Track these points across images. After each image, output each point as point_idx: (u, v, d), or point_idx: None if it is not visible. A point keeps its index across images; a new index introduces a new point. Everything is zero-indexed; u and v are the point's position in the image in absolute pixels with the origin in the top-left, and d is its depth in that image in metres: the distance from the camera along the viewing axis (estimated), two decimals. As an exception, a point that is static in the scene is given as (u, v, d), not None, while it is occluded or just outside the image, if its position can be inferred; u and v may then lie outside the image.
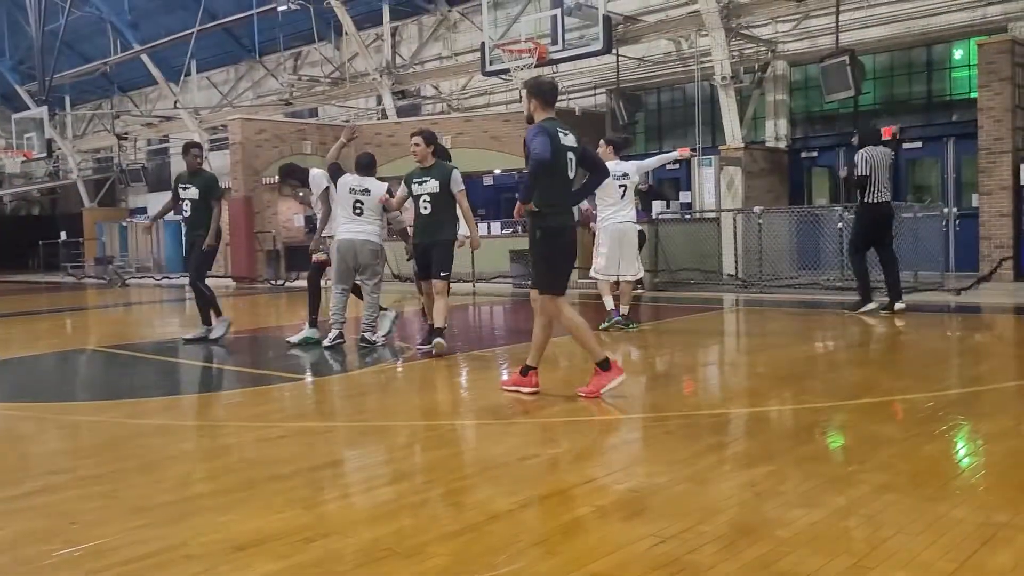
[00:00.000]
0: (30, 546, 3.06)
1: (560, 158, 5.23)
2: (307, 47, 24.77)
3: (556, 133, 5.27)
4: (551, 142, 5.16)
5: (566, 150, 5.29)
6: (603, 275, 8.63)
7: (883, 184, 9.16)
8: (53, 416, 5.61)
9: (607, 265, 8.56)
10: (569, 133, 5.38)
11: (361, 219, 7.95)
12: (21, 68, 31.88)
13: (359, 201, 7.90)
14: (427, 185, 7.24)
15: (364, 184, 7.94)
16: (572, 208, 5.60)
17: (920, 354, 7.14)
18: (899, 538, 2.88)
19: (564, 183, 5.33)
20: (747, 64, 16.23)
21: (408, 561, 2.81)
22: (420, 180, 7.30)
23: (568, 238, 5.40)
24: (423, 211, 7.30)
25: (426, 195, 7.25)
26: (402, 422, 4.98)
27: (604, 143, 8.77)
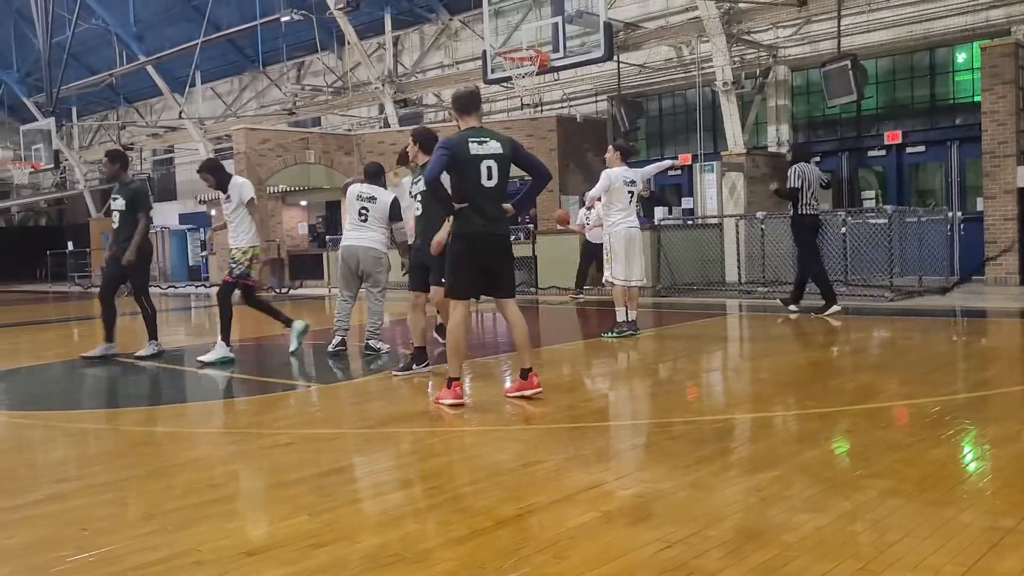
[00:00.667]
0: (41, 553, 3.08)
1: (469, 167, 5.33)
2: (310, 57, 24.87)
3: (465, 143, 5.35)
4: (448, 157, 5.33)
5: (480, 159, 5.35)
6: (622, 281, 8.65)
7: (814, 197, 10.01)
8: (62, 424, 5.64)
9: (623, 271, 8.61)
10: (490, 140, 5.41)
11: (365, 226, 8.00)
12: (28, 80, 32.05)
13: (364, 208, 7.98)
14: (417, 186, 6.81)
15: (371, 192, 8.01)
16: (494, 215, 5.41)
17: (925, 359, 7.13)
18: (906, 542, 2.88)
19: (477, 191, 5.36)
20: (748, 69, 16.27)
21: (415, 566, 2.82)
22: (415, 180, 7.00)
23: (477, 245, 5.41)
24: (416, 213, 6.98)
25: (418, 195, 6.81)
26: (407, 428, 5.00)
27: (612, 148, 8.87)
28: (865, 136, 15.79)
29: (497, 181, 5.43)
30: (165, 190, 31.58)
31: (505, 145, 5.47)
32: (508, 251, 5.63)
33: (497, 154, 5.41)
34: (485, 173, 5.38)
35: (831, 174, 16.43)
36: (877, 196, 15.75)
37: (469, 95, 5.62)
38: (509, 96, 20.31)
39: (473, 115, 5.54)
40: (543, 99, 20.01)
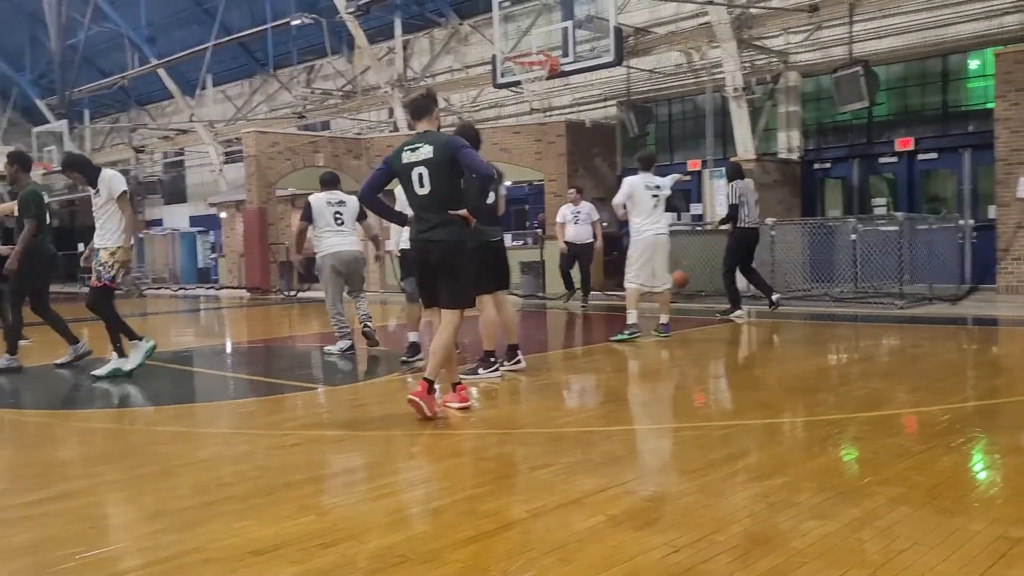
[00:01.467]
0: (52, 550, 3.09)
1: (403, 177, 5.28)
2: (320, 61, 24.96)
3: (399, 153, 5.30)
4: (384, 171, 5.36)
5: (411, 167, 5.24)
6: (639, 285, 8.73)
7: (752, 210, 10.76)
8: (72, 423, 5.67)
9: (638, 275, 8.68)
10: (423, 146, 5.22)
11: (343, 230, 8.42)
12: (41, 82, 32.27)
13: (338, 212, 8.40)
14: None
15: (338, 197, 8.48)
16: (431, 222, 5.24)
17: (935, 367, 7.10)
18: (914, 551, 2.87)
19: (412, 199, 5.32)
20: (759, 75, 16.24)
21: (422, 567, 2.82)
22: None
23: (414, 254, 5.43)
24: None
25: None
26: (415, 431, 5.00)
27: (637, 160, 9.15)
28: (876, 143, 15.74)
29: (430, 188, 5.22)
30: (175, 192, 31.71)
31: (439, 149, 5.20)
32: (449, 259, 5.27)
33: (427, 159, 5.20)
34: (416, 181, 5.24)
35: (842, 180, 16.42)
36: (888, 203, 15.70)
37: (419, 99, 5.48)
38: (518, 101, 20.32)
39: (424, 120, 5.38)
40: (552, 104, 20.02)
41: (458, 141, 5.32)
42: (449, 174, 5.23)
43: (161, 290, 24.24)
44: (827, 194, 16.74)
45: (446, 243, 5.25)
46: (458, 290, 5.35)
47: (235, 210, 23.51)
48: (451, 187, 5.27)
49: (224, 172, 26.00)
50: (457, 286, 5.34)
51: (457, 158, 5.18)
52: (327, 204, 8.42)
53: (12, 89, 33.64)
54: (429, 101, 5.46)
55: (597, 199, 18.72)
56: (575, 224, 13.20)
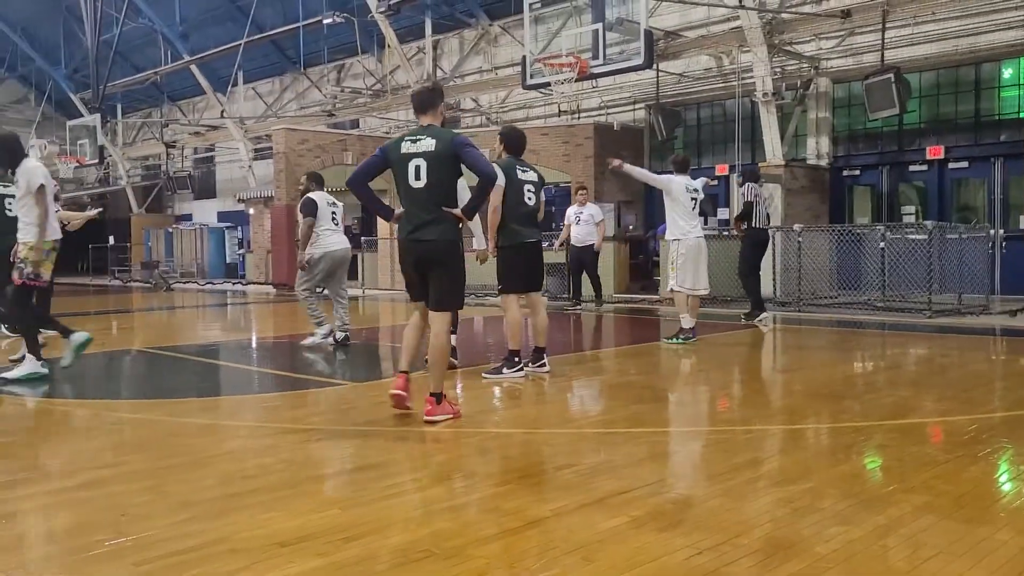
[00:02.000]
0: (81, 536, 3.15)
1: (399, 167, 5.12)
2: (350, 59, 25.10)
3: (398, 143, 5.19)
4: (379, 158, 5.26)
5: (408, 158, 5.07)
6: (688, 289, 8.78)
7: (765, 213, 11.03)
8: (102, 413, 5.76)
9: (685, 278, 8.76)
10: (425, 138, 5.07)
11: (338, 228, 8.97)
12: (76, 77, 32.72)
13: (335, 212, 8.97)
14: None
15: (332, 198, 9.06)
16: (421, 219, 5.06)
17: (963, 377, 7.03)
18: (939, 559, 2.85)
19: (405, 192, 5.12)
20: (789, 81, 16.13)
21: (446, 563, 2.85)
22: None
23: (402, 252, 5.33)
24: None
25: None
26: (439, 428, 5.03)
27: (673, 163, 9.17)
28: (907, 150, 15.58)
29: (426, 182, 5.03)
30: (205, 188, 32.04)
31: (442, 143, 5.03)
32: (437, 259, 5.09)
33: (428, 152, 5.02)
34: (413, 173, 5.05)
35: (871, 188, 16.27)
36: (917, 211, 15.53)
37: (425, 92, 5.33)
38: (547, 103, 20.34)
39: (429, 113, 5.24)
40: (580, 106, 20.02)
41: (463, 139, 5.17)
42: (448, 170, 5.07)
43: (188, 284, 24.49)
44: (856, 201, 16.59)
45: (436, 242, 5.07)
46: (447, 291, 5.14)
47: (263, 206, 23.70)
48: (448, 184, 5.11)
49: (253, 168, 26.23)
50: (447, 287, 5.13)
51: (460, 155, 5.03)
52: (328, 204, 8.94)
53: (48, 83, 34.14)
54: (435, 95, 5.34)
55: (624, 202, 18.75)
56: (577, 225, 13.13)
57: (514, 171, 6.81)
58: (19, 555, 2.97)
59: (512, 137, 7.03)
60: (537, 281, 7.09)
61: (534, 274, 7.01)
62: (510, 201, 6.72)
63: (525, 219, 6.81)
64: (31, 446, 4.73)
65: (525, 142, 7.10)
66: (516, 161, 6.92)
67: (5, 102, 37.64)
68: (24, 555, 2.97)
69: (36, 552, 3.00)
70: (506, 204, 6.71)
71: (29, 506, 3.55)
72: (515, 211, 6.75)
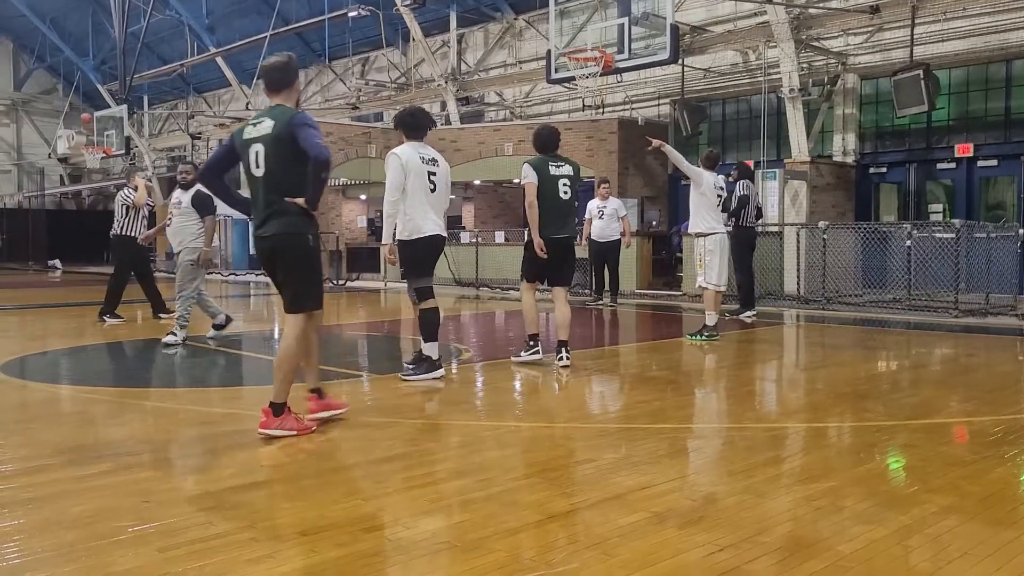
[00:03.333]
0: (105, 522, 3.19)
1: (243, 155, 4.72)
2: (375, 53, 25.16)
3: (242, 128, 4.81)
4: (225, 148, 4.87)
5: (249, 143, 4.66)
6: (715, 286, 8.81)
7: (754, 212, 11.16)
8: (126, 400, 5.82)
9: (715, 275, 8.78)
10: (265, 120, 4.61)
11: None
12: (103, 68, 33.06)
13: None
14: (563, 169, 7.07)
15: None
16: (262, 213, 4.67)
17: (989, 377, 6.94)
18: (964, 560, 2.82)
19: (249, 180, 4.75)
20: (816, 76, 15.98)
21: (466, 555, 2.85)
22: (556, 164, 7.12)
23: (254, 247, 5.04)
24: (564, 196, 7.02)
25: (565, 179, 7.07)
26: (460, 422, 5.04)
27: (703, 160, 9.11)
28: (935, 148, 15.39)
29: (265, 169, 4.54)
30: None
31: (280, 123, 4.51)
32: (281, 256, 4.64)
33: (265, 135, 4.52)
34: (253, 160, 4.58)
35: (898, 186, 16.09)
36: (944, 210, 15.35)
37: (275, 67, 4.77)
38: (571, 97, 20.28)
39: (282, 93, 4.72)
40: (605, 101, 19.94)
41: (303, 117, 4.58)
42: (288, 154, 4.50)
43: (212, 275, 24.68)
44: (882, 199, 16.42)
45: (278, 237, 4.60)
46: (299, 292, 4.69)
47: (287, 198, 23.78)
48: (288, 170, 4.52)
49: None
50: (297, 287, 4.68)
51: (296, 135, 4.46)
52: None
53: (76, 74, 34.50)
54: (288, 72, 4.75)
55: (648, 198, 18.67)
56: (600, 219, 13.04)
57: (546, 167, 6.92)
58: (44, 540, 3.01)
59: (539, 136, 7.12)
60: (561, 276, 7.15)
61: (558, 269, 7.09)
62: (544, 197, 6.85)
63: (558, 214, 6.91)
64: (56, 432, 4.79)
65: (555, 138, 7.12)
66: (548, 157, 7.02)
67: (34, 92, 38.13)
68: (49, 540, 3.01)
69: (61, 537, 3.03)
70: (541, 199, 6.83)
71: (53, 491, 3.59)
72: (549, 206, 6.87)
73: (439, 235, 6.29)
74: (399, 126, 6.36)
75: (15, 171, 37.93)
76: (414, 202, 6.15)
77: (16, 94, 37.64)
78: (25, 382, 6.64)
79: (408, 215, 6.17)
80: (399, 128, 6.37)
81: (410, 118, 6.31)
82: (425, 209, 6.19)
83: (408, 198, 6.14)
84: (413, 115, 6.37)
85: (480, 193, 21.93)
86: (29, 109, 38.13)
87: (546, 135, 7.09)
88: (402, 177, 6.09)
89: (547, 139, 7.04)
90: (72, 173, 37.95)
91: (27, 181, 38.25)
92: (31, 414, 5.46)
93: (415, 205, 6.15)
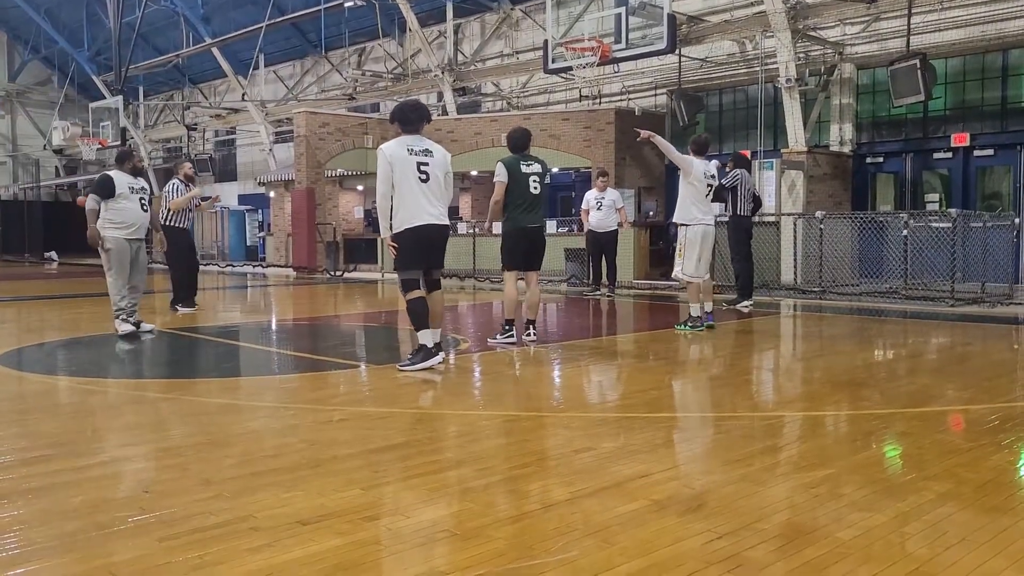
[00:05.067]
0: (106, 512, 3.19)
1: None
2: (371, 43, 25.10)
3: None
4: None
5: None
6: (692, 277, 8.71)
7: (747, 200, 11.01)
8: (125, 391, 5.82)
9: (694, 267, 8.68)
10: None
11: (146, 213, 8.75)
12: (98, 59, 32.93)
13: (143, 198, 8.65)
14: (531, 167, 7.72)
15: (141, 183, 8.72)
16: None
17: (985, 366, 6.97)
18: (961, 547, 2.83)
19: None
20: (813, 66, 15.97)
21: (466, 543, 2.86)
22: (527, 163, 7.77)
23: None
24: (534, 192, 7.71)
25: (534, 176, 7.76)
26: (458, 411, 5.05)
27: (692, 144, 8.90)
28: (932, 138, 15.41)
29: None
30: (226, 171, 32.19)
31: None
32: None
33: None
34: None
35: (894, 175, 16.11)
36: (941, 199, 15.38)
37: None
38: (568, 87, 20.26)
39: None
40: (602, 91, 19.91)
41: None
42: None
43: (209, 266, 24.64)
44: (878, 189, 16.44)
45: None
46: None
47: (284, 189, 23.81)
48: None
49: (274, 152, 26.32)
50: None
51: None
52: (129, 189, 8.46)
53: (71, 65, 34.37)
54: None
55: (645, 188, 18.67)
56: (597, 210, 13.07)
57: (518, 165, 7.62)
58: (43, 531, 3.02)
59: (512, 137, 7.84)
60: (535, 261, 7.90)
61: (533, 255, 7.86)
62: (516, 192, 7.59)
63: (529, 207, 7.66)
64: (55, 423, 4.79)
65: (527, 139, 7.84)
66: (520, 156, 7.71)
67: (29, 84, 37.98)
68: (48, 531, 3.01)
69: (62, 528, 3.04)
70: (512, 195, 7.59)
71: (53, 482, 3.60)
72: (520, 201, 7.60)
73: (430, 224, 6.37)
74: (394, 121, 6.59)
75: (10, 163, 37.83)
76: (403, 194, 6.31)
77: (11, 85, 37.51)
78: (22, 373, 6.64)
79: (397, 207, 6.32)
80: (394, 123, 6.58)
81: (400, 113, 6.56)
82: (416, 200, 6.32)
83: (397, 190, 6.31)
84: (403, 109, 6.60)
85: (477, 184, 21.92)
86: (24, 100, 38.01)
87: (519, 136, 7.79)
88: (388, 170, 6.28)
89: (520, 140, 7.76)
90: (68, 165, 37.87)
91: (22, 173, 38.15)
92: (29, 405, 5.46)
93: (404, 197, 6.31)
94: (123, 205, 8.34)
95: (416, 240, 6.33)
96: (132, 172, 8.61)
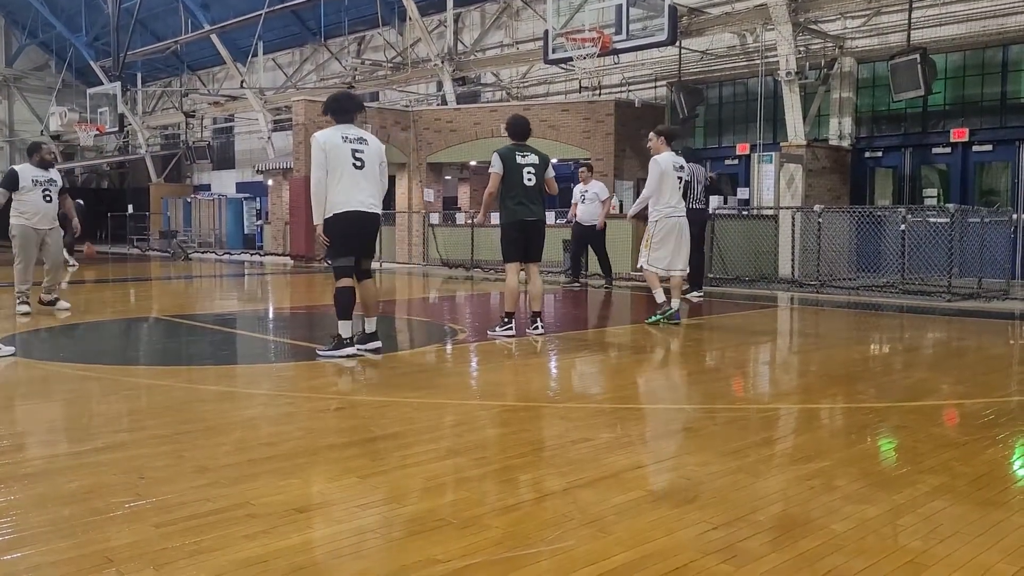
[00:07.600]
0: (101, 498, 3.19)
1: None
2: (371, 31, 25.02)
3: None
4: None
5: None
6: (659, 270, 8.54)
7: (700, 195, 11.38)
8: (121, 378, 5.82)
9: (660, 258, 8.49)
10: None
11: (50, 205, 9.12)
12: (96, 45, 32.81)
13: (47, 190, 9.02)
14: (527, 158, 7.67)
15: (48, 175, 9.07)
16: None
17: (981, 360, 6.99)
18: (954, 540, 2.85)
19: None
20: (813, 60, 15.94)
21: (462, 532, 2.87)
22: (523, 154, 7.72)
23: None
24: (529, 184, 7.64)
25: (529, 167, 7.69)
26: (456, 400, 5.05)
27: (655, 135, 8.63)
28: (931, 133, 15.40)
29: None
30: (224, 158, 32.13)
31: None
32: None
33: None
34: None
35: (893, 170, 16.11)
36: (939, 194, 15.39)
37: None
38: (568, 78, 20.21)
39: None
40: (602, 83, 19.87)
41: None
42: None
43: (207, 254, 24.62)
44: (877, 183, 16.44)
45: None
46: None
47: (282, 178, 23.74)
48: None
49: (272, 140, 26.25)
50: None
51: None
52: (33, 182, 8.89)
53: (68, 50, 34.24)
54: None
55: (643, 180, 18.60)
56: (583, 203, 13.09)
57: (513, 156, 7.57)
58: (39, 516, 3.02)
59: (511, 124, 7.76)
60: (534, 253, 7.81)
61: (532, 247, 7.78)
62: (510, 183, 7.53)
63: (525, 199, 7.58)
64: (50, 410, 4.79)
65: (526, 128, 7.76)
66: (516, 146, 7.65)
67: (26, 69, 37.84)
68: (44, 516, 3.02)
69: (57, 513, 3.04)
70: (506, 186, 7.54)
71: (49, 468, 3.60)
72: (515, 192, 7.55)
73: (359, 211, 6.38)
74: (327, 112, 6.62)
75: (7, 148, 37.70)
76: (336, 180, 6.35)
77: (8, 70, 37.37)
78: (18, 359, 6.62)
79: (329, 193, 6.36)
80: (327, 114, 6.61)
81: (335, 103, 6.61)
82: (349, 186, 6.36)
83: (331, 177, 6.34)
84: (337, 100, 6.67)
85: (476, 174, 21.87)
86: (21, 86, 37.87)
87: (520, 124, 7.71)
88: (322, 157, 6.32)
89: (518, 127, 7.68)
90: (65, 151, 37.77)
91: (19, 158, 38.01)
92: (25, 391, 5.46)
93: (337, 183, 6.35)
94: (27, 197, 8.82)
95: (347, 226, 6.38)
96: (40, 165, 9.04)
